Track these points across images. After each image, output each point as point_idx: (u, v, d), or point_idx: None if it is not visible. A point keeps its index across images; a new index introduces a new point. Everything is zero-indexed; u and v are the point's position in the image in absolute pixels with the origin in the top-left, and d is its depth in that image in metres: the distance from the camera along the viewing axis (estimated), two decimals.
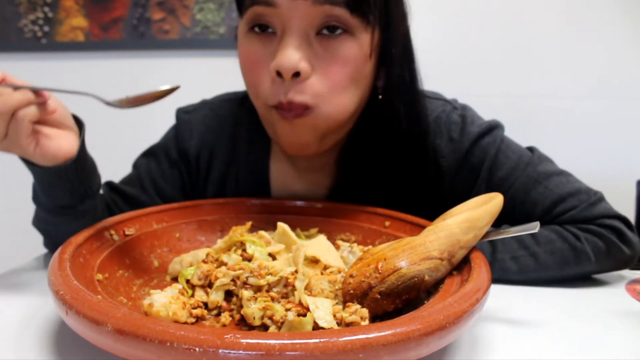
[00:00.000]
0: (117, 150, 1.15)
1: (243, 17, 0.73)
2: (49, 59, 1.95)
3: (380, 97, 0.79)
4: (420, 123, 0.82)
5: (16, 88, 0.59)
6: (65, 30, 1.93)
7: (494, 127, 0.83)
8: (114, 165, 1.01)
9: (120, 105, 0.62)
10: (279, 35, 0.69)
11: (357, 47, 0.70)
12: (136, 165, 0.92)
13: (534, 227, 0.59)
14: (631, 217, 1.38)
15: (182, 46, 1.92)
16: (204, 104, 0.95)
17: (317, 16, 0.68)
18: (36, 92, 0.60)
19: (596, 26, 1.82)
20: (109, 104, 0.62)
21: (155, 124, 1.06)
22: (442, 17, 1.82)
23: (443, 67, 1.77)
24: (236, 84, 1.09)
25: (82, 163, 0.69)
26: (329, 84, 0.70)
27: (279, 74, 0.68)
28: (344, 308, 0.52)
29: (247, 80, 0.75)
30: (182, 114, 0.93)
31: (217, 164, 0.90)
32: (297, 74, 0.68)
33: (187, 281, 0.60)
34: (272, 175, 0.89)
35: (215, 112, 0.92)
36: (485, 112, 0.92)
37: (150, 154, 0.92)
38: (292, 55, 0.67)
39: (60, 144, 0.65)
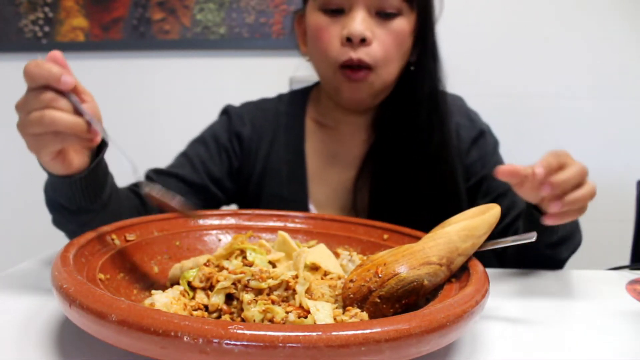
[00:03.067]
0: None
1: (314, 0, 0.94)
2: None
3: (412, 68, 0.99)
4: (444, 98, 1.02)
5: (78, 112, 0.60)
6: (65, 31, 1.94)
7: (492, 131, 1.08)
8: (117, 164, 1.02)
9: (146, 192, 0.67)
10: (347, 11, 0.91)
11: (405, 24, 0.93)
12: (184, 153, 1.06)
13: (531, 236, 0.60)
14: (631, 217, 1.38)
15: (182, 46, 1.93)
16: (248, 103, 1.14)
17: (376, 0, 0.90)
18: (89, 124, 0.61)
19: (597, 26, 1.83)
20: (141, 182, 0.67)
21: (155, 125, 1.07)
22: (442, 16, 1.83)
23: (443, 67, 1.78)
24: (235, 83, 1.09)
25: (89, 180, 0.71)
26: (385, 50, 0.92)
27: (348, 39, 0.89)
28: (344, 312, 0.53)
29: (317, 46, 0.96)
30: (234, 108, 1.12)
31: (264, 144, 1.07)
32: (363, 40, 0.89)
33: (189, 283, 0.60)
34: (308, 147, 1.07)
35: (258, 107, 1.12)
36: (486, 112, 0.93)
37: (198, 141, 1.07)
38: (359, 25, 0.89)
39: (73, 161, 0.67)
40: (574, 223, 0.79)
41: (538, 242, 0.75)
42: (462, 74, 1.85)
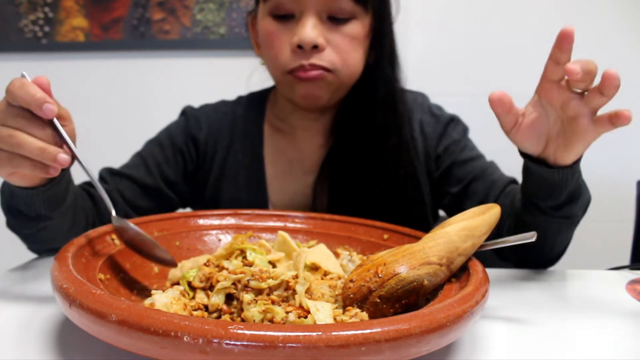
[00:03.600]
0: (113, 150, 1.15)
1: (264, 3, 0.90)
2: (49, 59, 1.95)
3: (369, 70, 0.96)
4: (402, 99, 1.00)
5: (60, 139, 0.59)
6: (65, 31, 1.94)
7: (460, 119, 1.06)
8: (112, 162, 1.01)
9: (116, 226, 0.64)
10: (297, 17, 0.87)
11: (359, 28, 0.90)
12: (139, 153, 1.03)
13: (531, 236, 0.60)
14: (631, 217, 1.38)
15: (182, 46, 1.93)
16: (206, 105, 1.11)
17: (328, 4, 0.86)
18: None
19: (596, 26, 1.83)
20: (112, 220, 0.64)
21: (155, 125, 1.07)
22: (441, 16, 1.83)
23: (442, 67, 1.78)
24: (235, 83, 1.09)
25: (51, 192, 0.69)
26: (341, 55, 0.89)
27: (299, 46, 0.86)
28: (344, 312, 0.53)
29: (267, 53, 0.93)
30: (191, 110, 1.09)
31: (220, 148, 1.05)
32: (315, 47, 0.86)
33: (189, 283, 0.60)
34: (266, 152, 1.05)
35: (216, 110, 1.09)
36: (485, 112, 0.92)
37: (154, 142, 1.04)
38: (310, 32, 0.85)
39: (34, 176, 0.64)
40: (579, 179, 0.73)
41: (547, 206, 0.73)
42: (461, 74, 1.86)
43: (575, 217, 0.77)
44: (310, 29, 0.85)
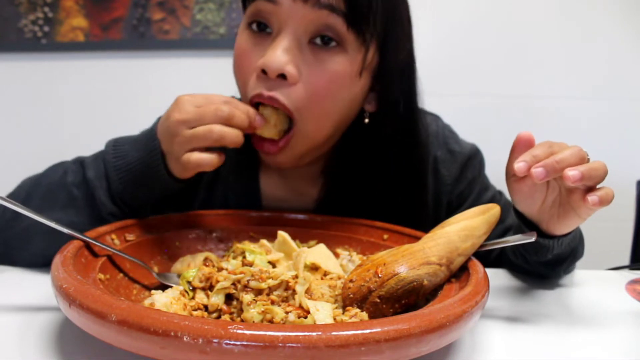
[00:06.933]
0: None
1: (245, 12, 0.74)
2: (49, 59, 1.95)
3: (366, 120, 0.80)
4: (419, 140, 0.84)
5: None
6: (65, 31, 1.94)
7: (478, 149, 0.94)
8: None
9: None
10: (274, 35, 0.70)
11: (347, 63, 0.71)
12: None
13: (531, 236, 0.60)
14: (631, 217, 1.38)
15: (182, 46, 1.93)
16: None
17: (313, 21, 0.68)
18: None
19: (596, 27, 1.84)
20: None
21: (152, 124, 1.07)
22: (442, 17, 1.83)
23: (443, 68, 1.78)
24: (235, 84, 1.09)
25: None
26: (312, 94, 0.70)
27: (264, 71, 0.69)
28: (343, 312, 0.53)
29: (235, 75, 0.77)
30: None
31: (207, 176, 0.89)
32: (283, 76, 0.69)
33: (189, 283, 0.60)
34: (262, 185, 0.89)
35: None
36: (486, 112, 0.93)
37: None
38: (279, 56, 0.68)
39: None
40: (575, 238, 0.70)
41: (533, 260, 0.72)
42: (462, 74, 1.86)
43: (559, 275, 0.77)
44: (280, 53, 0.68)
